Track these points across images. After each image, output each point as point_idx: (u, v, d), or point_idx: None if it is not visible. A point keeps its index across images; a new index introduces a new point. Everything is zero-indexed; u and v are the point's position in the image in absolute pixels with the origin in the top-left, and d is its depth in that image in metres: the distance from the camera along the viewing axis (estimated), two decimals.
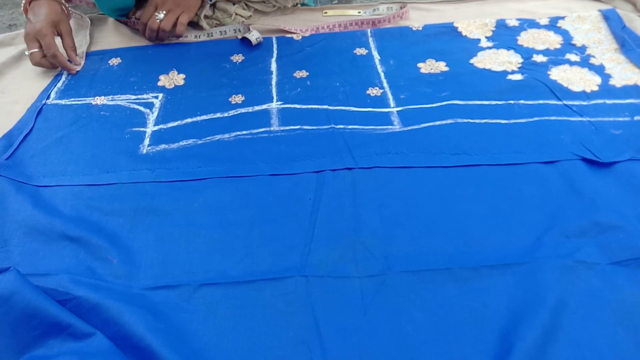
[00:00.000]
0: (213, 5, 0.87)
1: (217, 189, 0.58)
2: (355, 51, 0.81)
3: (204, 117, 0.69)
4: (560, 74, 0.73)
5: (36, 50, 0.77)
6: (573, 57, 0.76)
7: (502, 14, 0.87)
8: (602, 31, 0.82)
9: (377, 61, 0.79)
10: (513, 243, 0.51)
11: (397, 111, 0.68)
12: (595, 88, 0.70)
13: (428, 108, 0.68)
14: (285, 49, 0.82)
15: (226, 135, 0.66)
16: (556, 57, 0.76)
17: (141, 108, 0.72)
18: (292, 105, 0.70)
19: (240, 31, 0.85)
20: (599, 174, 0.57)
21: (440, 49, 0.80)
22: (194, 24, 0.88)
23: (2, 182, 0.59)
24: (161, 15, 0.81)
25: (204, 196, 0.58)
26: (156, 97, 0.74)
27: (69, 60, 0.80)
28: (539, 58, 0.76)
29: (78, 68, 0.80)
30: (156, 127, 0.68)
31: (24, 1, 0.80)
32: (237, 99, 0.72)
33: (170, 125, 0.69)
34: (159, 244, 0.53)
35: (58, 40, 0.80)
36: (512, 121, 0.65)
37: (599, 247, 0.49)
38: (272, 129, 0.67)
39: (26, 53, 0.79)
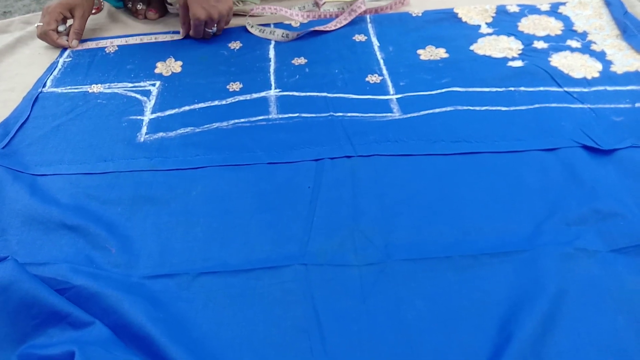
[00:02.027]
0: None
1: (216, 177, 0.58)
2: (354, 38, 0.80)
3: (202, 104, 0.69)
4: (561, 61, 0.72)
5: (40, 24, 0.81)
6: (574, 44, 0.76)
7: (502, 0, 0.86)
8: (603, 17, 0.81)
9: (376, 48, 0.78)
10: (513, 231, 0.50)
11: (397, 98, 0.68)
12: (596, 75, 0.69)
13: (428, 95, 0.68)
14: None
15: (224, 123, 0.65)
16: (557, 44, 0.76)
17: (138, 96, 0.71)
18: (291, 93, 0.70)
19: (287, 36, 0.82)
20: (599, 161, 0.57)
21: (440, 35, 0.79)
22: None
23: None
24: (214, 29, 0.81)
25: (202, 185, 0.57)
26: (153, 85, 0.73)
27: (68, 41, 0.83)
28: (540, 44, 0.76)
29: (66, 44, 0.83)
30: (153, 115, 0.68)
31: None
32: (235, 86, 0.72)
33: (167, 113, 0.68)
34: (157, 233, 0.53)
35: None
36: (512, 108, 0.65)
37: (599, 234, 0.49)
38: (270, 116, 0.66)
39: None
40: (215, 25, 0.80)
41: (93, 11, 0.88)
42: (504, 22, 0.81)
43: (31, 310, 0.43)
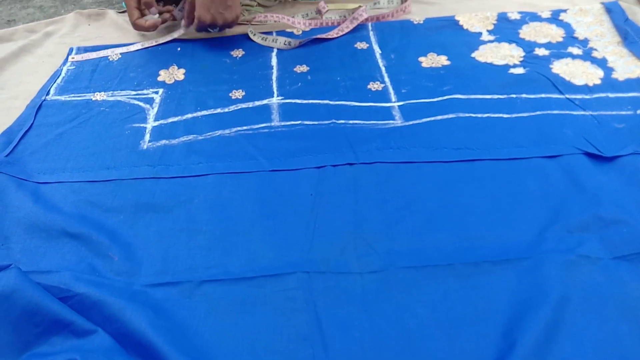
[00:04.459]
0: None
1: (218, 185, 0.58)
2: (356, 45, 0.81)
3: (205, 112, 0.69)
4: (562, 68, 0.72)
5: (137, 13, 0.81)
6: (575, 51, 0.76)
7: (503, 7, 0.87)
8: (604, 24, 0.81)
9: (378, 55, 0.78)
10: (515, 238, 0.50)
11: (399, 106, 0.68)
12: (598, 81, 0.70)
13: (429, 102, 0.68)
14: None
15: (227, 131, 0.66)
16: (558, 51, 0.76)
17: (141, 104, 0.72)
18: (293, 100, 0.70)
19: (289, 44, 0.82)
20: (601, 168, 0.57)
21: (441, 42, 0.80)
22: None
23: (2, 179, 0.59)
24: (217, 29, 0.82)
25: (204, 192, 0.57)
26: (156, 93, 0.74)
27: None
28: (541, 51, 0.76)
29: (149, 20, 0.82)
30: (156, 123, 0.68)
31: None
32: (238, 94, 0.72)
33: (170, 120, 0.68)
34: (159, 241, 0.53)
35: None
36: (514, 115, 0.65)
37: (602, 241, 0.49)
38: (272, 124, 0.66)
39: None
40: (218, 28, 0.81)
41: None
42: (505, 29, 0.82)
43: (34, 318, 0.44)
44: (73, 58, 0.82)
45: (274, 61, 0.79)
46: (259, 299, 0.47)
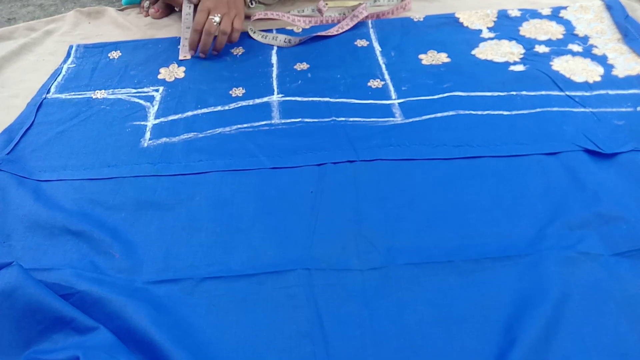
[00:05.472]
0: None
1: (219, 182, 0.58)
2: (356, 43, 0.81)
3: (205, 110, 0.69)
4: (562, 65, 0.72)
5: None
6: (575, 48, 0.76)
7: (503, 4, 0.87)
8: (604, 21, 0.81)
9: (378, 53, 0.78)
10: (515, 235, 0.50)
11: (399, 103, 0.68)
12: (598, 79, 0.70)
13: (430, 100, 0.68)
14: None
15: (227, 129, 0.66)
16: (558, 48, 0.76)
17: (142, 101, 0.72)
18: (293, 98, 0.70)
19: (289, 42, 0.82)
20: (601, 165, 0.57)
21: (441, 40, 0.80)
22: None
23: (3, 177, 0.59)
24: (217, 18, 0.76)
25: (205, 190, 0.57)
26: (157, 91, 0.74)
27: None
28: (541, 49, 0.76)
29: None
30: (157, 121, 0.68)
31: None
32: (238, 91, 0.72)
33: (171, 118, 0.68)
34: (161, 238, 0.53)
35: None
36: (514, 112, 0.65)
37: (602, 238, 0.49)
38: (273, 121, 0.66)
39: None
40: (219, 16, 0.76)
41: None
42: (505, 26, 0.82)
43: (36, 315, 0.44)
44: None
45: (274, 59, 0.79)
46: (260, 296, 0.47)
